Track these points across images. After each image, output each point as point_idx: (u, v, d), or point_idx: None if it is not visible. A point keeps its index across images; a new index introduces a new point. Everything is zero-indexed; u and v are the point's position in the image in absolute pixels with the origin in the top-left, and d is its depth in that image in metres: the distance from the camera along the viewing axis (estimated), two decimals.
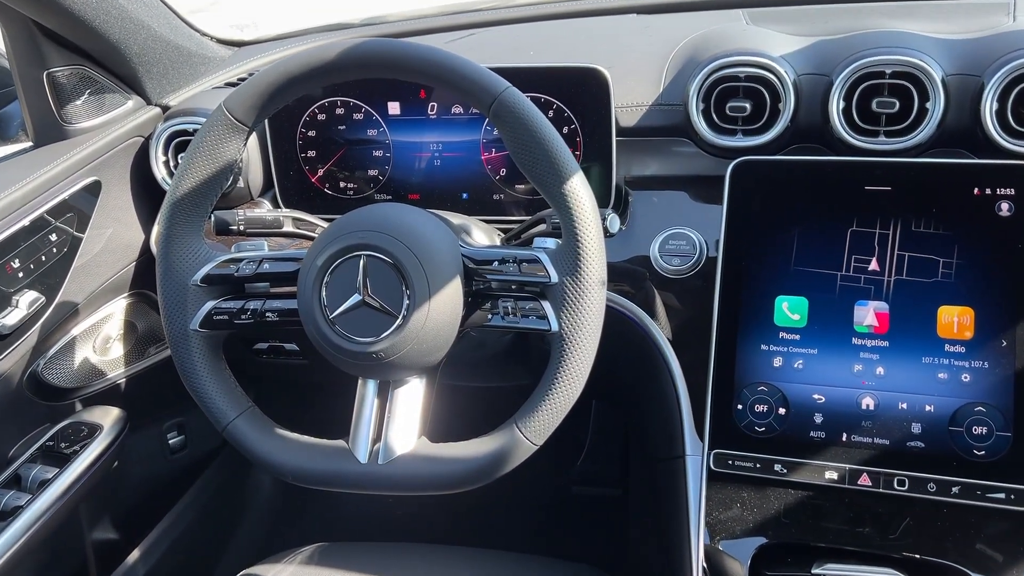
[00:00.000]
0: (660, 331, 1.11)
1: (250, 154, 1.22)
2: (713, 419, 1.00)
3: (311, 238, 1.01)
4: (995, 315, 0.94)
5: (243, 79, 1.21)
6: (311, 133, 1.20)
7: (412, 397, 0.91)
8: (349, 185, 1.21)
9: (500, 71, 0.87)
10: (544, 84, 1.11)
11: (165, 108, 1.32)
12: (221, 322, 0.92)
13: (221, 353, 0.95)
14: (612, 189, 1.13)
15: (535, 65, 1.13)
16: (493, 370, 1.31)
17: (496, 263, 0.88)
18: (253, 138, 1.23)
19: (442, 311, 0.85)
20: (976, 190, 0.97)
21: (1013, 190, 0.96)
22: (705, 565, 0.96)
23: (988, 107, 0.99)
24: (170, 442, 1.50)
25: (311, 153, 1.21)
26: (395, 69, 0.86)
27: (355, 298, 0.84)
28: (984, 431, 0.92)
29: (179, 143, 1.25)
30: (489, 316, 0.89)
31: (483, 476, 0.88)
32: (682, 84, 1.11)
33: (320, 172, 1.22)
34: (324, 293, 0.85)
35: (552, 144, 0.83)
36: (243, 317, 0.92)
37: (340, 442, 0.91)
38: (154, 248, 1.06)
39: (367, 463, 0.89)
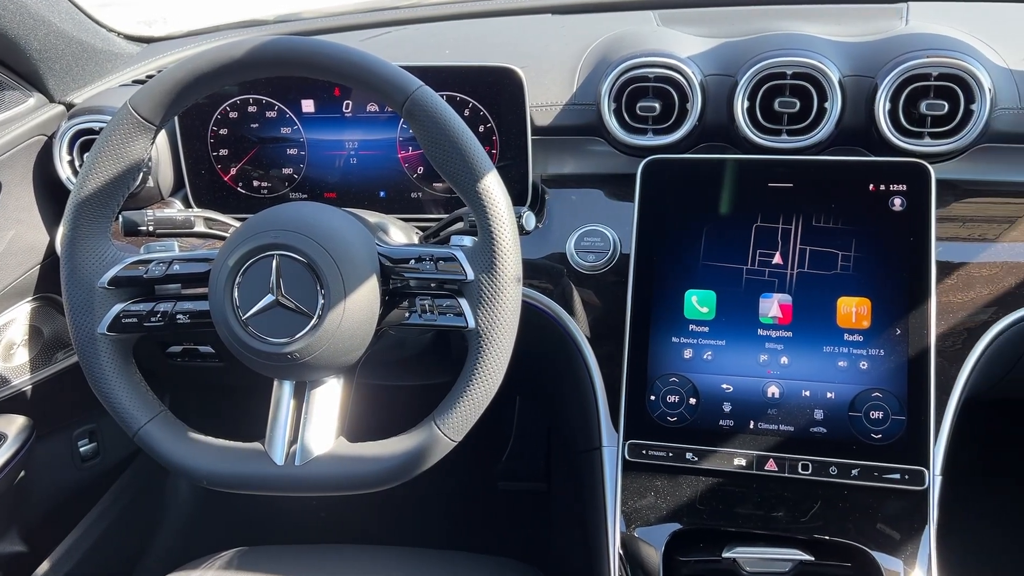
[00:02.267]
0: (577, 326, 1.13)
1: (159, 153, 1.20)
2: (627, 411, 1.03)
3: (224, 238, 1.00)
4: (890, 305, 0.99)
5: (151, 76, 1.18)
6: (223, 131, 1.18)
7: (329, 397, 0.90)
8: (263, 184, 1.20)
9: (414, 70, 0.87)
10: (459, 83, 1.12)
11: (69, 106, 1.28)
12: (130, 325, 0.90)
13: (131, 357, 0.93)
14: (529, 187, 1.15)
15: (450, 64, 1.13)
16: (414, 369, 1.31)
17: (413, 261, 0.88)
18: (163, 136, 1.20)
19: (358, 310, 0.85)
20: (871, 186, 1.02)
21: (905, 186, 1.01)
22: (622, 552, 0.99)
23: (881, 107, 1.04)
24: (81, 450, 1.46)
25: (223, 152, 1.19)
26: (306, 67, 0.85)
27: (268, 298, 0.83)
28: (881, 415, 0.97)
29: (84, 142, 1.21)
30: (406, 314, 0.89)
31: (402, 474, 0.88)
32: (594, 84, 1.14)
33: (233, 171, 1.20)
34: (236, 294, 0.84)
35: (466, 142, 0.84)
36: (153, 320, 0.90)
37: (256, 444, 0.90)
38: (59, 250, 1.03)
39: (284, 465, 0.89)
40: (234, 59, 0.85)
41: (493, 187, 0.84)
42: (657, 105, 1.10)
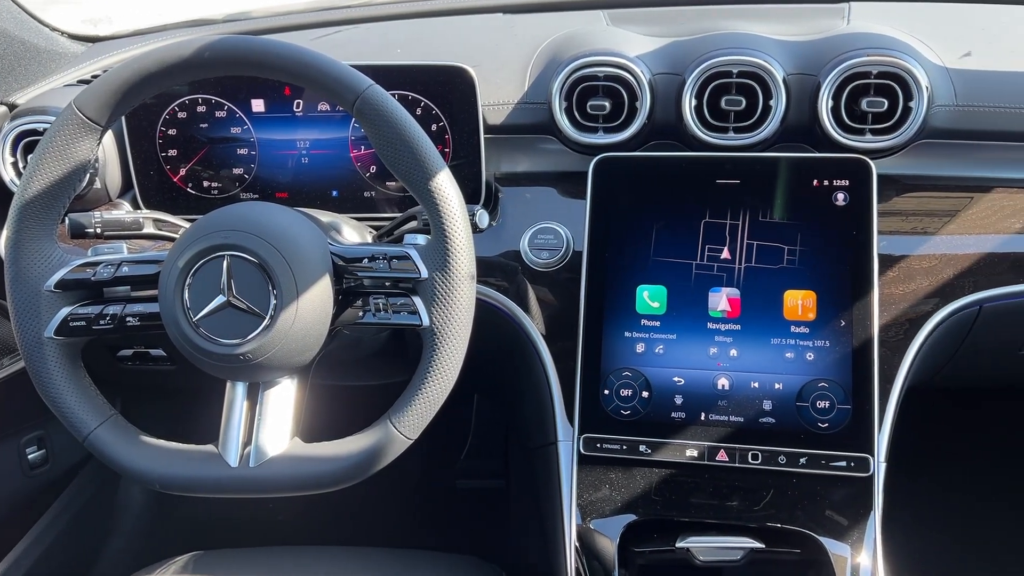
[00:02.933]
0: (532, 323, 1.13)
1: (107, 154, 1.18)
2: (582, 405, 1.04)
3: (173, 239, 0.99)
4: (835, 297, 1.02)
5: (96, 76, 1.16)
6: (172, 131, 1.17)
7: (283, 398, 0.90)
8: (213, 184, 1.19)
9: (365, 69, 0.87)
10: (411, 82, 1.12)
11: (12, 107, 1.25)
12: (78, 328, 0.89)
13: (79, 361, 0.92)
14: (482, 185, 1.16)
15: (402, 63, 1.14)
16: (370, 368, 1.31)
17: (366, 260, 0.88)
18: (110, 137, 1.19)
19: (311, 310, 0.84)
20: (815, 182, 1.04)
21: (848, 181, 1.04)
22: (578, 545, 1.00)
23: (824, 104, 1.07)
24: (29, 457, 1.43)
25: (172, 152, 1.18)
26: (255, 67, 0.85)
27: (219, 299, 0.83)
28: (827, 405, 1.00)
29: (28, 143, 1.19)
30: (360, 313, 0.90)
31: (358, 473, 0.88)
32: (545, 83, 1.15)
33: (182, 171, 1.18)
34: (187, 295, 0.83)
35: (417, 141, 0.84)
36: (102, 323, 0.89)
37: (209, 447, 0.90)
38: (3, 253, 1.01)
39: (238, 466, 0.88)
40: (182, 59, 0.85)
41: (445, 185, 0.84)
42: (607, 104, 1.11)
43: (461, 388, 0.89)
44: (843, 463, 0.98)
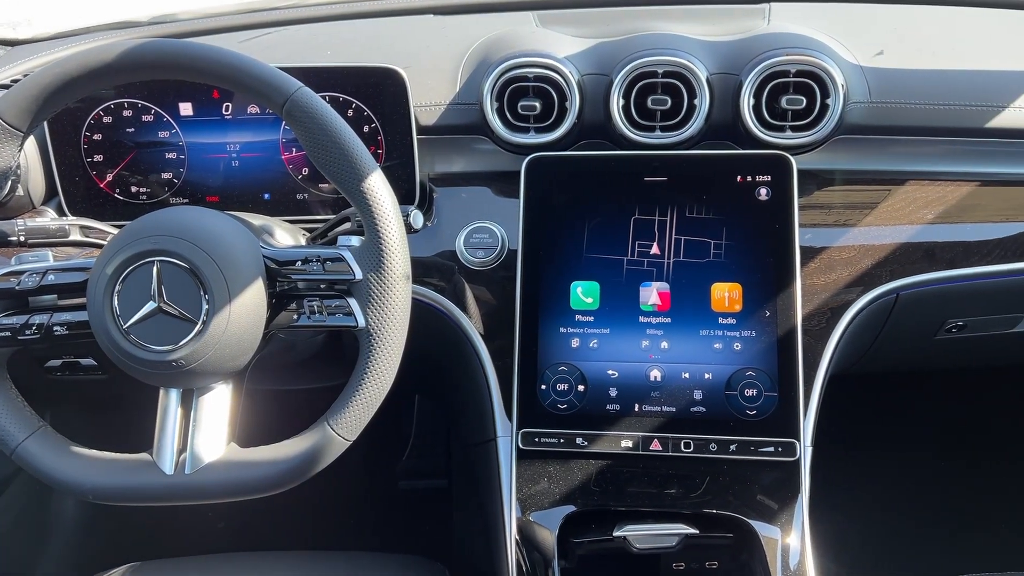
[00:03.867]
0: (469, 321, 1.15)
1: (29, 160, 1.15)
2: (520, 401, 1.06)
3: (101, 246, 0.97)
4: (759, 289, 1.06)
5: (16, 81, 1.13)
6: (97, 136, 1.15)
7: (218, 403, 0.89)
8: (142, 190, 1.17)
9: (295, 71, 0.87)
10: (342, 84, 1.12)
11: None
12: (3, 339, 0.87)
13: (5, 373, 0.90)
14: (416, 186, 1.16)
15: (332, 65, 1.14)
16: (308, 372, 1.31)
17: (299, 263, 0.88)
18: (33, 143, 1.16)
19: (244, 314, 0.84)
20: (739, 178, 1.08)
21: (770, 177, 1.08)
22: (518, 538, 1.02)
23: (746, 102, 1.10)
24: None
25: (98, 157, 1.15)
26: (181, 70, 0.84)
27: (150, 305, 0.82)
28: (755, 393, 1.03)
29: None
30: (295, 316, 0.89)
31: (296, 476, 0.88)
32: (477, 84, 1.16)
33: (109, 177, 1.16)
34: (116, 302, 0.82)
35: (348, 142, 0.84)
36: (28, 333, 0.87)
37: (143, 455, 0.89)
38: None
39: (173, 474, 0.87)
40: (105, 62, 0.83)
41: (377, 186, 0.85)
42: (537, 104, 1.13)
43: (401, 389, 0.89)
44: (771, 448, 1.02)
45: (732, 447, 1.02)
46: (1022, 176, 1.15)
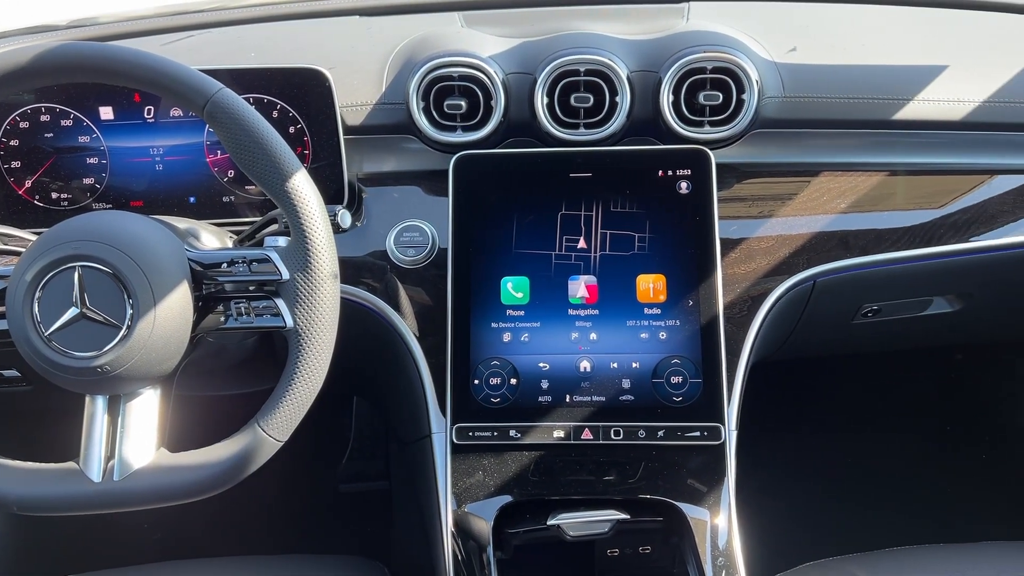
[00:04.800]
0: (402, 320, 1.15)
1: None
2: (453, 396, 1.07)
3: (21, 254, 0.95)
4: (683, 279, 1.09)
5: None
6: (14, 142, 1.12)
7: (146, 409, 0.89)
8: (63, 196, 1.15)
9: (218, 73, 0.87)
10: (266, 85, 1.12)
11: None
12: None
13: None
14: (345, 186, 1.16)
15: (256, 66, 1.13)
16: (240, 376, 1.30)
17: (225, 265, 0.88)
18: None
19: (170, 318, 0.84)
20: (660, 172, 1.11)
21: (690, 170, 1.11)
22: (454, 530, 1.03)
23: (665, 99, 1.14)
24: None
25: (15, 164, 1.13)
26: (99, 73, 0.83)
27: (72, 311, 0.81)
28: (680, 380, 1.07)
29: None
30: (222, 319, 0.89)
31: (228, 479, 0.88)
32: (403, 83, 1.17)
33: (28, 183, 1.14)
34: (37, 309, 0.81)
35: (270, 143, 0.84)
36: None
37: (70, 463, 0.87)
38: None
39: (101, 481, 0.86)
40: (19, 66, 0.82)
41: (302, 185, 0.85)
42: (463, 103, 1.14)
43: (338, 391, 0.90)
44: (697, 433, 1.05)
45: (660, 433, 1.05)
46: (928, 166, 1.21)
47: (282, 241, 0.90)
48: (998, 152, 1.23)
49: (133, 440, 0.87)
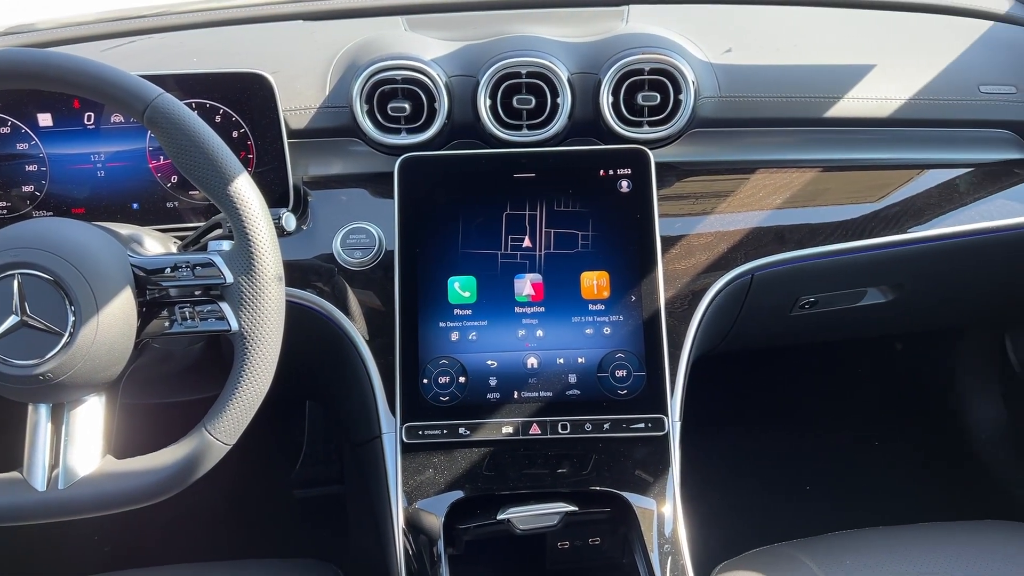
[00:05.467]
0: (350, 322, 1.16)
1: None
2: (403, 396, 1.09)
3: None
4: (625, 276, 1.12)
5: None
6: None
7: (91, 416, 0.88)
8: (1, 204, 1.13)
9: (158, 78, 0.88)
10: (208, 90, 1.12)
11: None
12: None
13: None
14: (290, 190, 1.17)
15: (198, 71, 1.13)
16: (189, 382, 1.29)
17: (168, 270, 0.88)
18: None
19: (113, 324, 0.84)
20: (602, 171, 1.14)
21: (630, 170, 1.14)
22: (405, 527, 1.04)
23: (605, 100, 1.16)
24: None
25: None
26: (34, 79, 0.83)
27: (12, 319, 0.81)
28: (625, 373, 1.09)
29: None
30: (167, 324, 0.89)
31: (176, 484, 0.88)
32: (346, 87, 1.18)
33: None
34: None
35: (212, 147, 0.85)
36: None
37: (12, 473, 0.87)
38: None
39: (46, 490, 0.85)
40: None
41: (244, 188, 0.85)
42: (407, 105, 1.15)
43: (290, 395, 0.90)
44: (641, 425, 1.08)
45: (606, 426, 1.08)
46: (859, 161, 1.26)
47: (226, 245, 0.91)
48: (925, 148, 1.28)
49: (78, 448, 0.87)
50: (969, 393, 1.91)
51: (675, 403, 1.10)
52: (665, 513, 1.06)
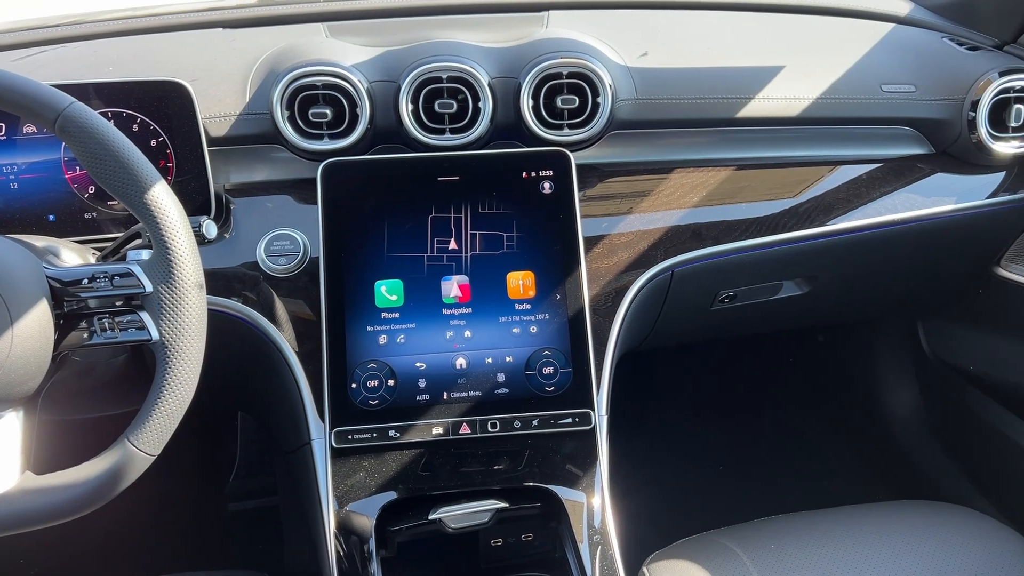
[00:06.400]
0: (276, 328, 1.15)
1: None
2: (331, 401, 1.09)
3: None
4: (550, 275, 1.14)
5: None
6: None
7: (8, 432, 0.86)
8: None
9: (72, 87, 0.86)
10: (124, 99, 1.11)
11: None
12: None
13: None
14: (211, 198, 1.16)
15: (114, 80, 1.12)
16: (110, 396, 1.27)
17: (86, 281, 0.87)
18: None
19: (28, 337, 0.82)
20: (524, 173, 1.16)
21: (552, 171, 1.16)
22: (336, 531, 1.04)
23: (525, 103, 1.18)
24: None
25: None
26: None
27: None
28: (552, 370, 1.11)
29: None
30: (86, 335, 0.88)
31: (99, 497, 0.86)
32: (266, 93, 1.17)
33: None
34: None
35: (126, 155, 0.84)
36: None
37: None
38: None
39: None
40: None
41: (161, 196, 0.85)
42: (328, 111, 1.16)
43: (221, 407, 0.90)
44: (569, 420, 1.10)
45: (534, 422, 1.10)
46: (772, 159, 1.31)
47: (145, 254, 0.90)
48: (834, 145, 1.34)
49: None
50: (885, 379, 2.00)
51: (601, 398, 1.13)
52: (594, 505, 1.08)
